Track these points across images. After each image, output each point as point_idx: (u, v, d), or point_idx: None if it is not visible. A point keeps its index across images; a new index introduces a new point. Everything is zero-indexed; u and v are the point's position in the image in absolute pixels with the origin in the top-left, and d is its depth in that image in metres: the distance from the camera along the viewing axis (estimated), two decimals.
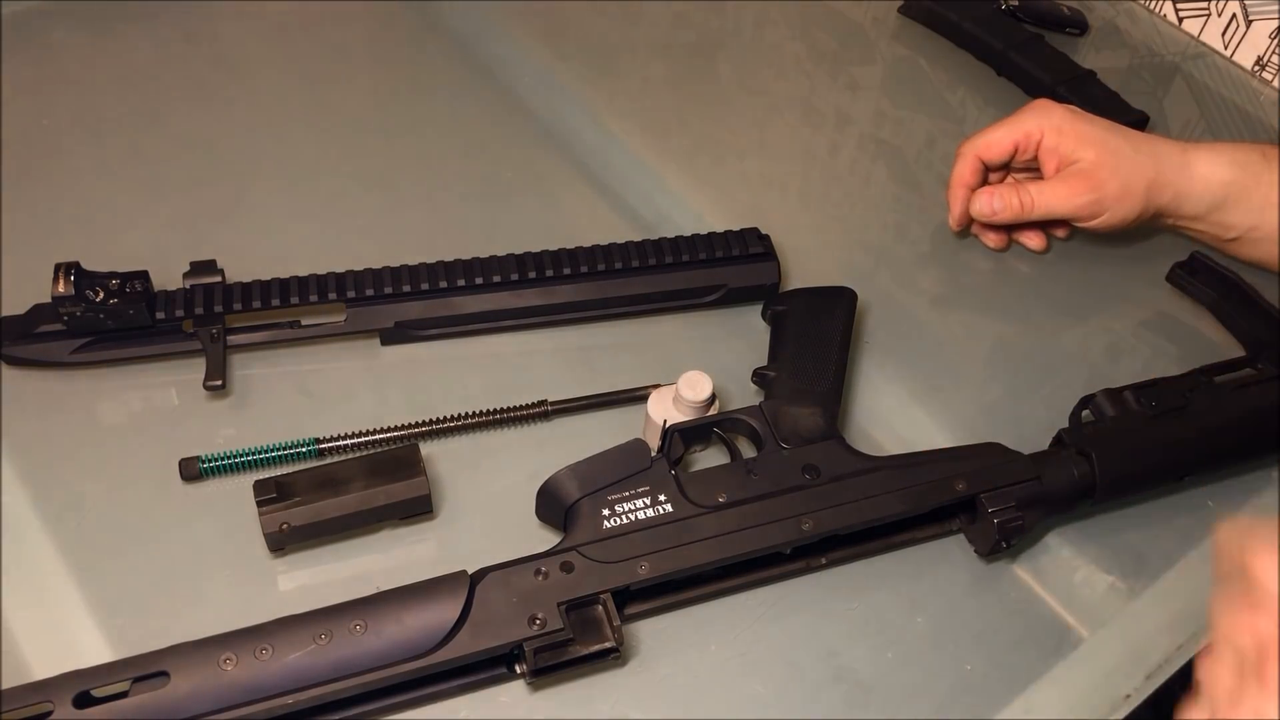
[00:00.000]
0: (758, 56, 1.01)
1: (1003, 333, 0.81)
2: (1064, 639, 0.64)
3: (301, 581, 0.63)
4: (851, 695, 0.61)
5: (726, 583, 0.63)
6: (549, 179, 0.87)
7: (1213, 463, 0.70)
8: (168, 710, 0.52)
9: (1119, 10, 1.09)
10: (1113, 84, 0.96)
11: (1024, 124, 0.79)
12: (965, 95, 0.99)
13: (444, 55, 0.97)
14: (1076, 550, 0.69)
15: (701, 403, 0.67)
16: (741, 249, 0.77)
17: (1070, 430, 0.68)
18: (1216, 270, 0.80)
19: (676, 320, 0.78)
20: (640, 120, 0.93)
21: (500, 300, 0.74)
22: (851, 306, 0.74)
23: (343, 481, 0.61)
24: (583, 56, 0.98)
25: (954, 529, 0.67)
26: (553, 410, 0.71)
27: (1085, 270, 0.85)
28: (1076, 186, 0.77)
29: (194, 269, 0.71)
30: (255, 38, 0.96)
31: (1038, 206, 0.79)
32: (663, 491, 0.61)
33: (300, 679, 0.53)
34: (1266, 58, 1.02)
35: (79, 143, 0.85)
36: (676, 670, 0.61)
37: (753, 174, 0.91)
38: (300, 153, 0.87)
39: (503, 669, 0.59)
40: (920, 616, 0.64)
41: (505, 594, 0.57)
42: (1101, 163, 0.77)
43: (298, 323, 0.72)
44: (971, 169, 0.82)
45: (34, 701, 0.51)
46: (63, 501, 0.65)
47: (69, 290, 0.66)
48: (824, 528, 0.62)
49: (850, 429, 0.73)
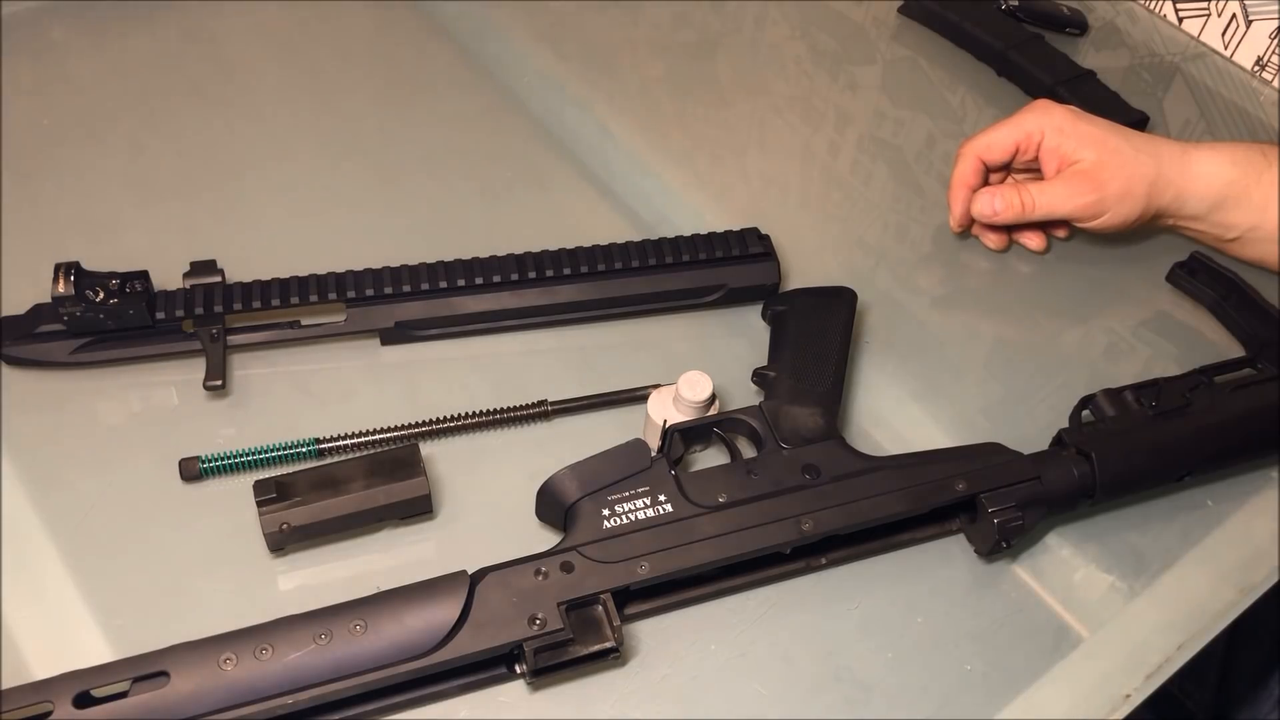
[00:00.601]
0: (758, 56, 1.01)
1: (1003, 333, 0.81)
2: (1064, 639, 0.64)
3: (301, 581, 0.63)
4: (851, 695, 0.61)
5: (726, 583, 0.63)
6: (549, 179, 0.87)
7: (1213, 463, 0.70)
8: (168, 710, 0.52)
9: (1119, 10, 1.09)
10: (1113, 84, 0.96)
11: (1025, 124, 0.79)
12: (965, 95, 0.99)
13: (444, 55, 0.97)
14: (1076, 550, 0.69)
15: (701, 403, 0.67)
16: (741, 249, 0.77)
17: (1070, 430, 0.68)
18: (1216, 270, 0.80)
19: (676, 320, 0.78)
20: (640, 120, 0.93)
21: (500, 300, 0.74)
22: (851, 306, 0.74)
23: (343, 481, 0.61)
24: (583, 56, 0.98)
25: (954, 529, 0.67)
26: (553, 410, 0.71)
27: (1085, 270, 0.85)
28: (1078, 187, 0.77)
29: (194, 269, 0.71)
30: (255, 37, 0.96)
31: (1039, 207, 0.79)
32: (663, 491, 0.61)
33: (300, 679, 0.53)
34: (1266, 58, 1.02)
35: (79, 143, 0.85)
36: (676, 670, 0.61)
37: (753, 174, 0.91)
38: (300, 153, 0.87)
39: (503, 669, 0.59)
40: (920, 616, 0.64)
41: (505, 594, 0.57)
42: (1103, 163, 0.77)
43: (298, 323, 0.72)
44: (972, 169, 0.82)
45: (34, 701, 0.51)
46: (63, 501, 0.65)
47: (69, 290, 0.66)
48: (824, 528, 0.62)
49: (850, 429, 0.73)
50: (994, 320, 0.82)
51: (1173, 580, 0.67)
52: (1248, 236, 0.79)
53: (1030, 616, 0.65)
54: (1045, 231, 0.85)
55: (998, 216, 0.80)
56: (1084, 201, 0.77)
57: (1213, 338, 0.81)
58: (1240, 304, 0.78)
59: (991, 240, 0.85)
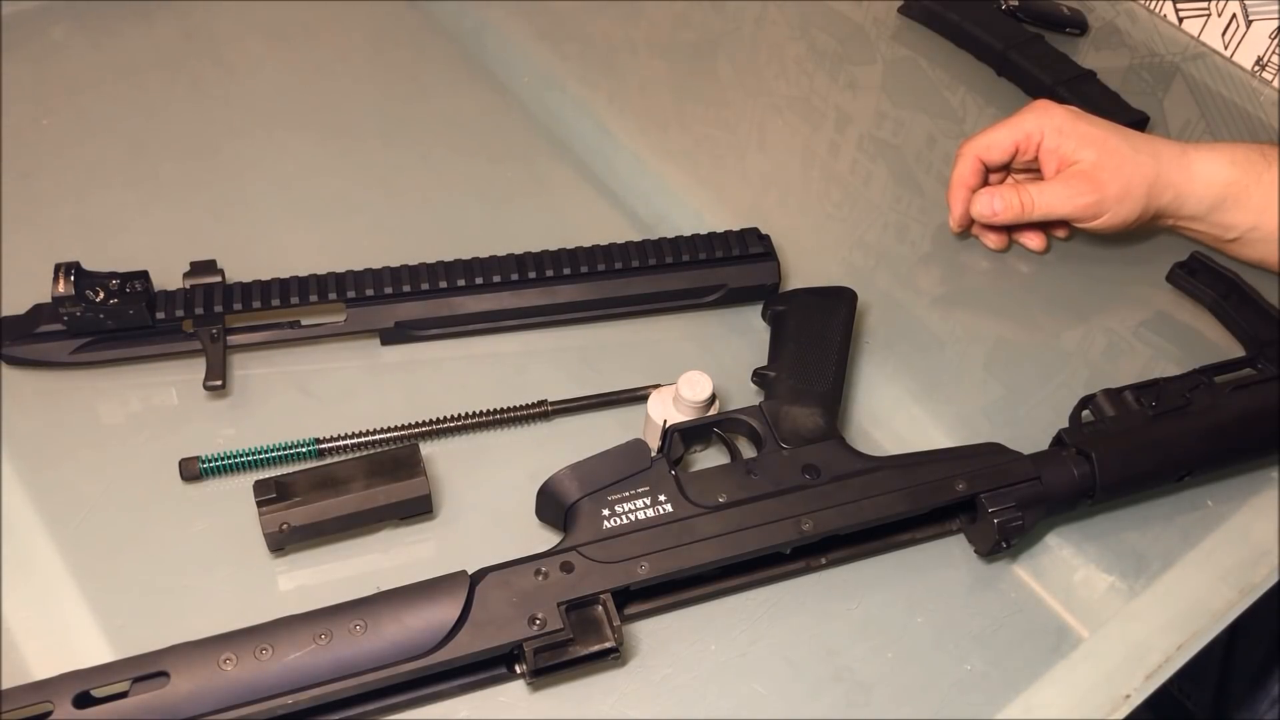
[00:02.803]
0: (758, 56, 1.01)
1: (1003, 333, 0.81)
2: (1064, 639, 0.64)
3: (301, 581, 0.63)
4: (851, 695, 0.61)
5: (726, 583, 0.63)
6: (549, 179, 0.87)
7: (1213, 463, 0.70)
8: (168, 710, 0.52)
9: (1119, 10, 1.09)
10: (1113, 84, 0.96)
11: (1024, 124, 0.79)
12: (965, 95, 0.99)
13: (444, 55, 0.97)
14: (1076, 550, 0.69)
15: (701, 403, 0.67)
16: (741, 249, 0.77)
17: (1070, 430, 0.68)
18: (1216, 270, 0.80)
19: (676, 320, 0.78)
20: (640, 120, 0.93)
21: (500, 300, 0.74)
22: (851, 306, 0.74)
23: (343, 481, 0.61)
24: (583, 56, 0.98)
25: (954, 529, 0.67)
26: (553, 410, 0.71)
27: (1085, 270, 0.85)
28: (1078, 187, 0.77)
29: (194, 269, 0.71)
30: (255, 37, 0.96)
31: (1039, 207, 0.79)
32: (663, 491, 0.61)
33: (300, 679, 0.53)
34: (1266, 58, 1.02)
35: (79, 143, 0.85)
36: (676, 670, 0.61)
37: (753, 174, 0.91)
38: (300, 152, 0.87)
39: (503, 669, 0.59)
40: (920, 616, 0.64)
41: (505, 594, 0.57)
42: (1102, 163, 0.77)
43: (298, 323, 0.72)
44: (972, 170, 0.82)
45: (34, 701, 0.51)
46: (63, 501, 0.65)
47: (69, 290, 0.66)
48: (824, 528, 0.62)
49: (850, 429, 0.73)
50: (994, 320, 0.82)
51: (1173, 580, 0.67)
52: (1247, 237, 0.79)
53: (1030, 616, 0.65)
54: (1045, 231, 0.85)
55: (997, 217, 0.80)
56: (1084, 202, 0.77)
57: (1213, 338, 0.81)
58: (1240, 304, 0.78)
59: (991, 240, 0.85)
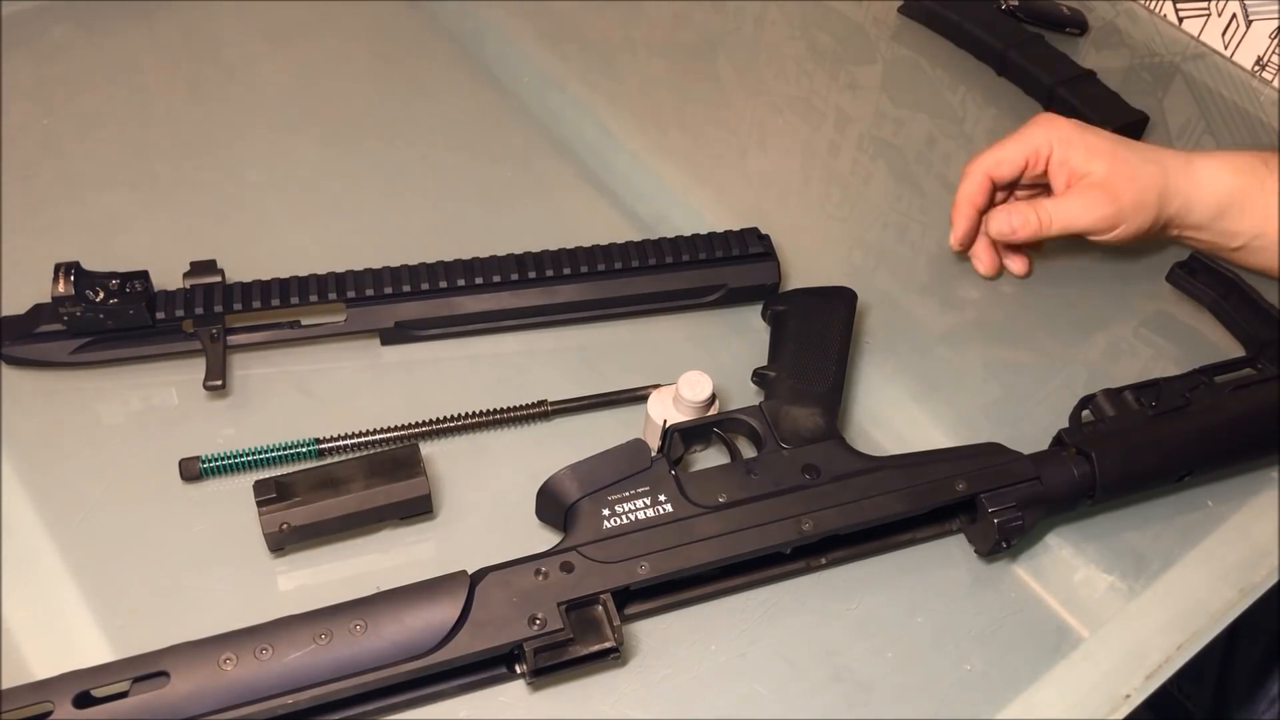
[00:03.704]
0: (758, 56, 1.01)
1: (1003, 333, 0.81)
2: (1064, 639, 0.64)
3: (301, 581, 0.63)
4: (851, 695, 0.61)
5: (726, 583, 0.63)
6: (549, 179, 0.87)
7: (1213, 463, 0.70)
8: (168, 710, 0.52)
9: (1119, 10, 1.09)
10: (1113, 84, 0.96)
11: (1033, 139, 0.78)
12: (965, 95, 0.99)
13: (444, 55, 0.97)
14: (1076, 550, 0.69)
15: (701, 403, 0.67)
16: (741, 249, 0.77)
17: (1070, 430, 0.68)
18: (1216, 270, 0.80)
19: (676, 320, 0.78)
20: (640, 120, 0.93)
21: (500, 300, 0.74)
22: (851, 306, 0.74)
23: (343, 481, 0.61)
24: (583, 56, 0.98)
25: (954, 529, 0.67)
26: (553, 410, 0.71)
27: (1085, 270, 0.85)
28: (1094, 199, 0.76)
29: (194, 269, 0.71)
30: (255, 37, 0.96)
31: (1056, 222, 0.77)
32: (663, 491, 0.61)
33: (300, 679, 0.53)
34: (1266, 58, 1.02)
35: (79, 143, 0.85)
36: (676, 670, 0.61)
37: (753, 174, 0.91)
38: (300, 153, 0.87)
39: (503, 669, 0.59)
40: (920, 616, 0.64)
41: (505, 594, 0.57)
42: (1115, 174, 0.76)
43: (298, 323, 0.72)
44: (981, 188, 0.79)
45: (34, 701, 0.51)
46: (63, 501, 0.65)
47: (69, 290, 0.66)
48: (824, 528, 0.62)
49: (850, 429, 0.73)
50: (994, 320, 0.82)
51: (1173, 580, 0.67)
52: (1252, 245, 0.78)
53: (1030, 616, 0.65)
54: (1027, 254, 0.84)
55: (1016, 234, 0.78)
56: (1101, 214, 0.76)
57: (1213, 338, 0.81)
58: (1240, 304, 0.78)
59: (984, 266, 0.83)
